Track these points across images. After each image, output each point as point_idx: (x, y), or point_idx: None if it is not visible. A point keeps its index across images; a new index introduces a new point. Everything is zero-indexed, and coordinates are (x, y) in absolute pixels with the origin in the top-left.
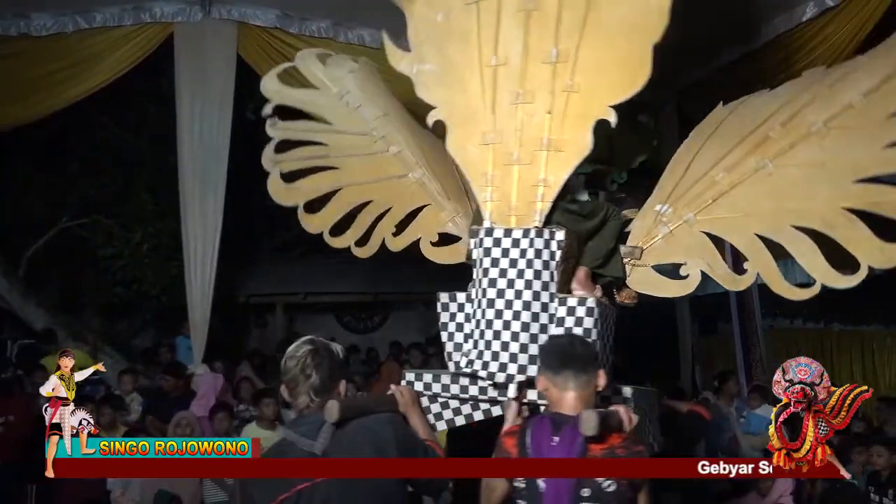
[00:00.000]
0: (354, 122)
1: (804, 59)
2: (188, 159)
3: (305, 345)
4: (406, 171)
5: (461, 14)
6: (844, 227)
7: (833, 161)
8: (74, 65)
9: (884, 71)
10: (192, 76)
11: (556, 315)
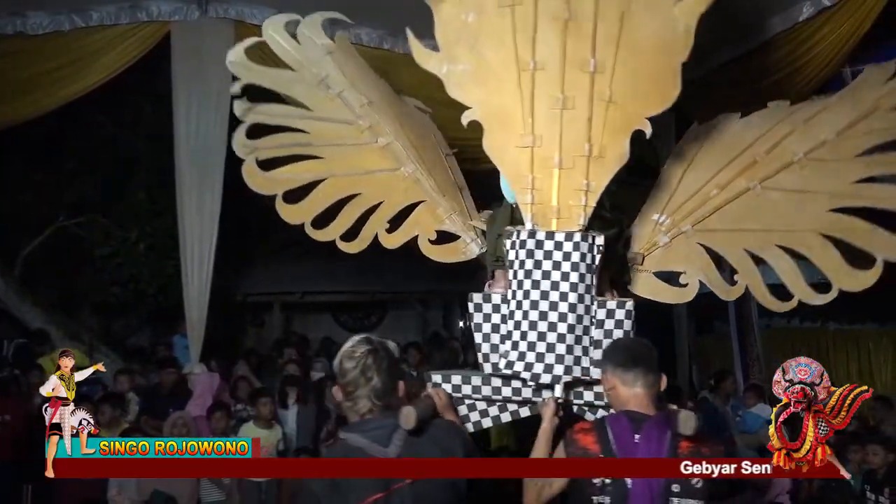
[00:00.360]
0: (337, 110)
1: (801, 58)
2: (185, 158)
3: (363, 344)
4: (397, 165)
5: (495, 16)
6: (820, 251)
7: (811, 190)
8: (71, 63)
9: (851, 114)
10: (189, 75)
11: (596, 317)
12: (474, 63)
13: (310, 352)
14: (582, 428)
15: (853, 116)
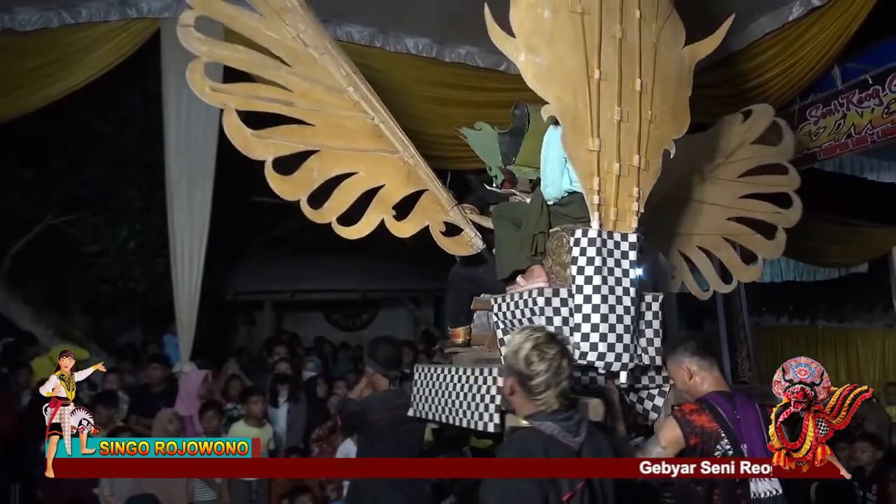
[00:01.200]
0: (319, 72)
1: (790, 58)
2: (175, 156)
3: (551, 344)
4: (393, 149)
5: (567, 19)
6: (724, 251)
7: (714, 202)
8: (59, 60)
9: (729, 145)
10: (179, 72)
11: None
12: (552, 60)
13: (300, 350)
14: (692, 409)
15: (731, 147)
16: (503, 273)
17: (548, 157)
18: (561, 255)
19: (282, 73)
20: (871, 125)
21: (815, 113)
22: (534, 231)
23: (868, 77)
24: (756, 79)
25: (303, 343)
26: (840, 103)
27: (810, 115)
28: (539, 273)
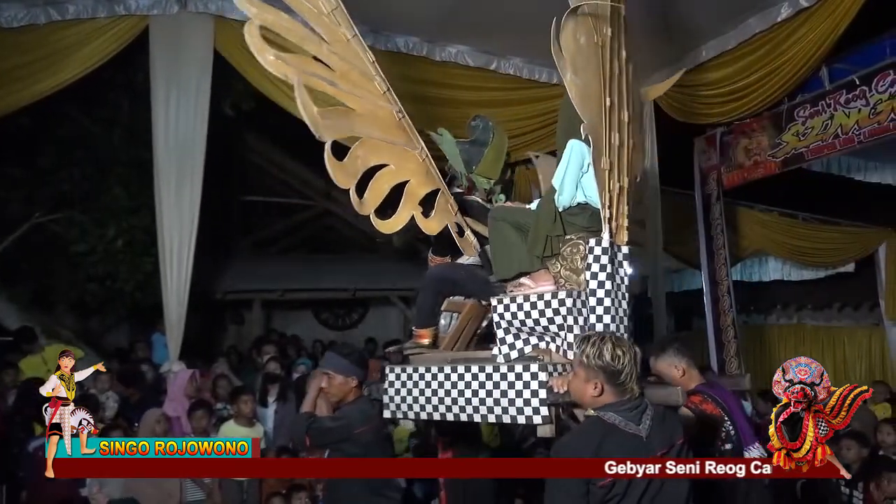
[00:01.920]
0: (352, 55)
1: (779, 58)
2: (163, 154)
3: (623, 340)
4: (414, 144)
5: (592, 47)
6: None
7: None
8: (46, 57)
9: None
10: (168, 70)
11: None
12: (585, 82)
13: (290, 349)
14: (700, 400)
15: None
16: (507, 273)
17: (567, 168)
18: (575, 260)
19: (323, 50)
20: (857, 125)
21: (803, 113)
22: (548, 233)
23: (855, 78)
24: (745, 79)
25: (298, 343)
26: (827, 104)
27: (798, 116)
28: (547, 276)
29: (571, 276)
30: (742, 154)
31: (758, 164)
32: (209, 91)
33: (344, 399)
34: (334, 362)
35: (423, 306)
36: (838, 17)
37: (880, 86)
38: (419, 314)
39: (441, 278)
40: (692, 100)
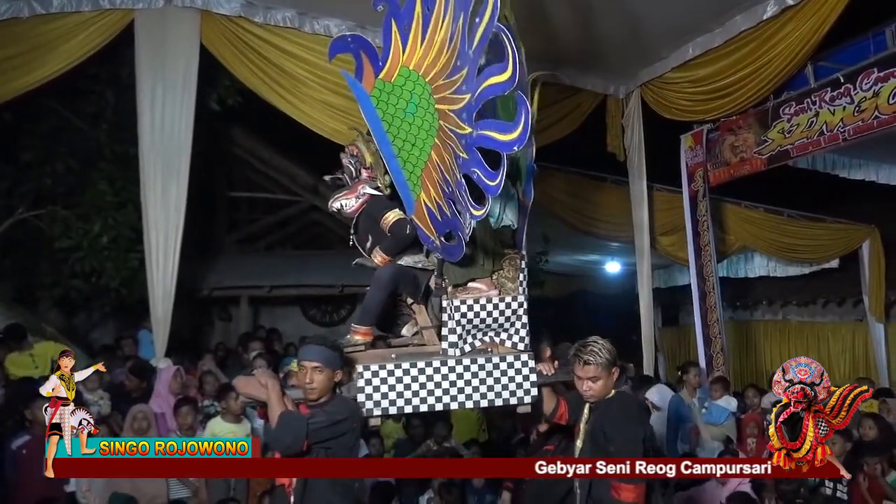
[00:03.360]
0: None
1: (765, 56)
2: (149, 149)
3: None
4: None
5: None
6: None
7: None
8: (30, 51)
9: None
10: (154, 65)
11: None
12: None
13: (279, 346)
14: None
15: None
16: (462, 279)
17: (502, 196)
18: (510, 272)
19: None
20: (842, 123)
21: (789, 111)
22: (495, 250)
23: (840, 76)
24: (731, 76)
25: (280, 339)
26: (813, 101)
27: (784, 113)
28: (490, 283)
29: (507, 283)
30: (728, 151)
31: (744, 161)
32: (195, 86)
33: (323, 394)
34: (324, 355)
35: (372, 305)
36: (823, 16)
37: (864, 84)
38: (366, 312)
39: (393, 279)
40: (679, 97)
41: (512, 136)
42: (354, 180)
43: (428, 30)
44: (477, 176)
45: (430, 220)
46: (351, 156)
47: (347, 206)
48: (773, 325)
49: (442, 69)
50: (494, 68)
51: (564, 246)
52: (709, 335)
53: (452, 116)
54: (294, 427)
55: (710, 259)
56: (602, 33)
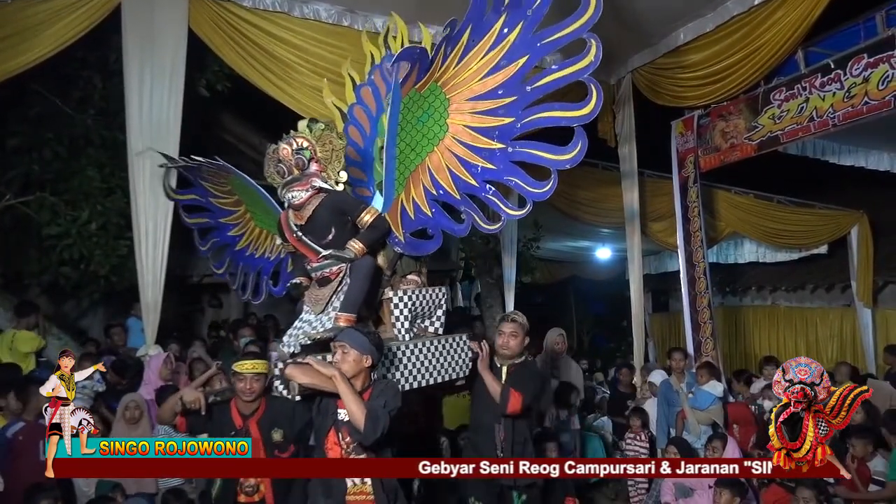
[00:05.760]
0: None
1: (756, 41)
2: (138, 135)
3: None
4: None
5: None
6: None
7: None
8: (15, 35)
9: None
10: (141, 50)
11: None
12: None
13: (271, 333)
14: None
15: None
16: (404, 272)
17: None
18: (423, 266)
19: None
20: (832, 109)
21: (779, 96)
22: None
23: (830, 62)
24: (722, 62)
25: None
26: (803, 87)
27: (774, 99)
28: (419, 277)
29: (424, 280)
30: (719, 137)
31: (734, 147)
32: (184, 71)
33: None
34: (352, 337)
35: (358, 293)
36: (814, 1)
37: (854, 69)
38: (352, 301)
39: (376, 269)
40: (670, 83)
41: (566, 156)
42: (303, 173)
43: (467, 56)
44: (515, 184)
45: (402, 218)
46: (299, 148)
47: (296, 199)
48: (762, 311)
49: (471, 92)
50: (565, 105)
51: (555, 232)
52: (698, 321)
53: (470, 133)
54: (382, 418)
55: (700, 245)
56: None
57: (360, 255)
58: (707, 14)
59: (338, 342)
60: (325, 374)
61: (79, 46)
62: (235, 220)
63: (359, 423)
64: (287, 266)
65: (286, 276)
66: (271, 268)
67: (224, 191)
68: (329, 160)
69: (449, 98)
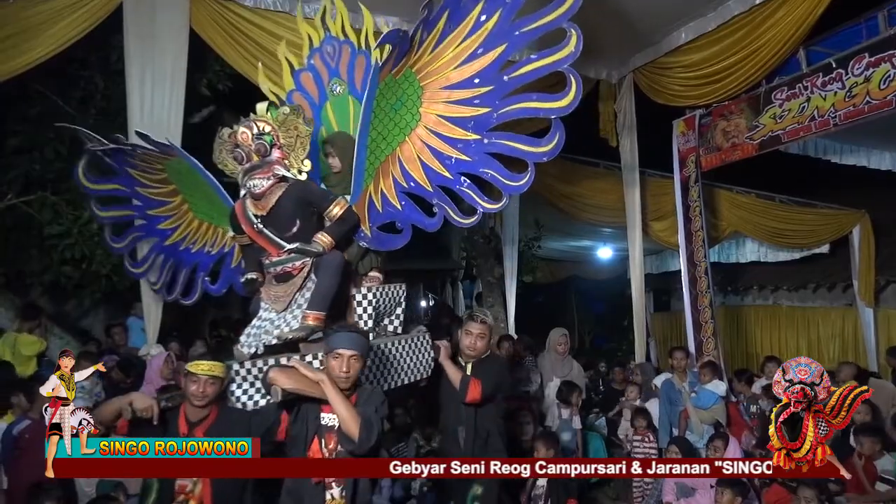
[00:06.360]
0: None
1: (757, 41)
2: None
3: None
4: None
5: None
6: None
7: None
8: (17, 34)
9: None
10: (143, 49)
11: None
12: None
13: None
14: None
15: None
16: (366, 269)
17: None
18: (381, 262)
19: None
20: (833, 108)
21: (781, 96)
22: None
23: (832, 61)
24: (724, 61)
25: None
26: (804, 86)
27: (775, 98)
28: (379, 273)
29: (382, 276)
30: (720, 136)
31: (735, 147)
32: (185, 70)
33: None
34: (361, 344)
35: (330, 290)
36: (816, 0)
37: (856, 69)
38: (321, 298)
39: (343, 264)
40: (671, 82)
41: (543, 148)
42: (264, 160)
43: (442, 43)
44: (490, 176)
45: (369, 211)
46: (260, 132)
47: (258, 187)
48: (763, 310)
49: (446, 80)
50: (543, 96)
51: (556, 231)
52: (699, 320)
53: (444, 122)
54: (375, 425)
55: (702, 244)
56: (595, 17)
57: (328, 250)
58: (708, 13)
59: (348, 350)
60: (311, 378)
61: (80, 46)
62: (168, 211)
63: (351, 431)
64: (231, 261)
65: (228, 272)
66: (210, 263)
67: (156, 179)
68: (293, 147)
69: (423, 86)
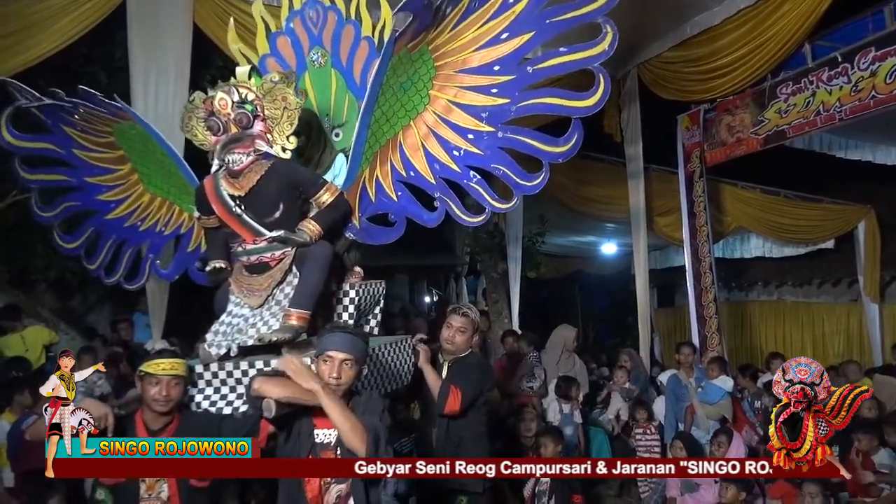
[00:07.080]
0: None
1: (763, 35)
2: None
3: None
4: None
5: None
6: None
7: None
8: (21, 31)
9: None
10: (146, 45)
11: None
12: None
13: None
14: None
15: None
16: (350, 265)
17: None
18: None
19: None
20: (839, 103)
21: (786, 90)
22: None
23: (838, 55)
24: (729, 55)
25: None
26: (810, 81)
27: (781, 93)
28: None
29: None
30: (725, 131)
31: (740, 142)
32: (189, 67)
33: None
34: (358, 347)
35: (317, 286)
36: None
37: (862, 63)
38: (310, 294)
39: (332, 257)
40: (676, 77)
41: (560, 148)
42: (245, 132)
43: (463, 23)
44: (503, 173)
45: (360, 199)
46: (241, 100)
47: (237, 163)
48: (768, 306)
49: (462, 63)
50: (567, 93)
51: (561, 227)
52: (703, 315)
53: (457, 111)
54: (383, 437)
55: (706, 239)
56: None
57: (315, 240)
58: (714, 7)
59: (339, 353)
60: (303, 386)
61: (84, 42)
62: (112, 180)
63: (355, 446)
64: (189, 244)
65: (184, 255)
66: (162, 245)
67: (101, 143)
68: (278, 120)
69: (437, 66)
